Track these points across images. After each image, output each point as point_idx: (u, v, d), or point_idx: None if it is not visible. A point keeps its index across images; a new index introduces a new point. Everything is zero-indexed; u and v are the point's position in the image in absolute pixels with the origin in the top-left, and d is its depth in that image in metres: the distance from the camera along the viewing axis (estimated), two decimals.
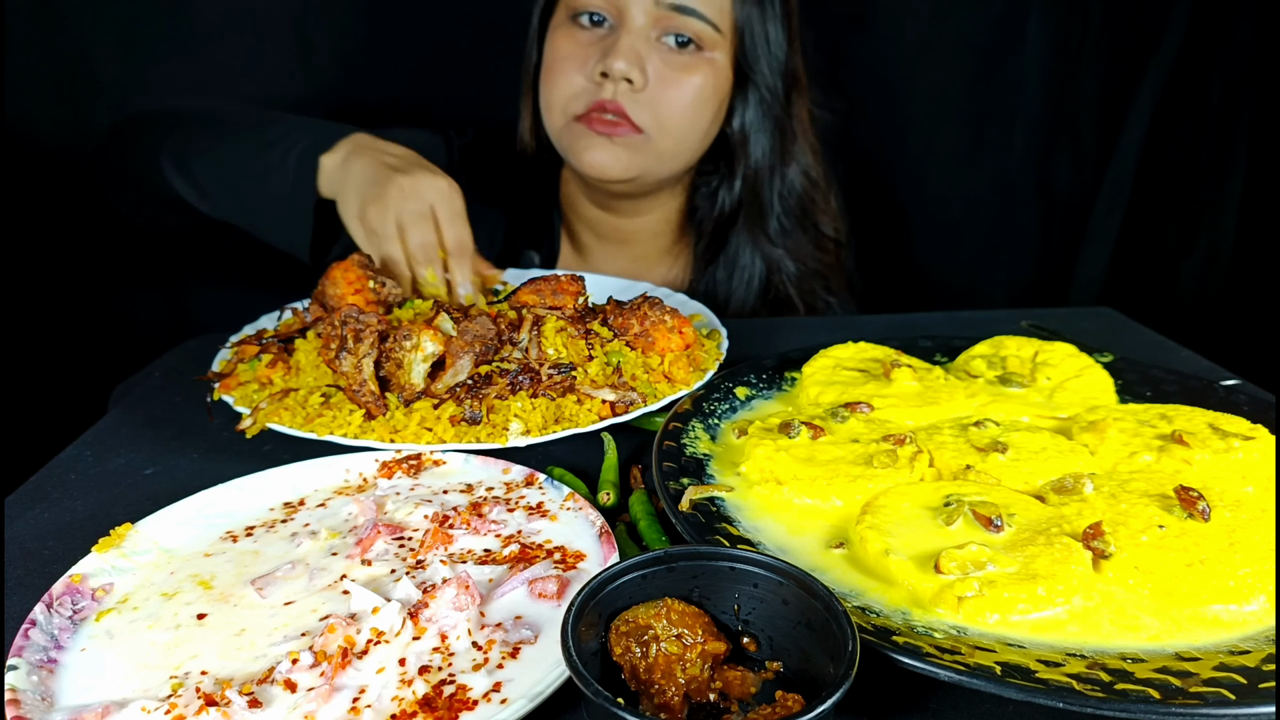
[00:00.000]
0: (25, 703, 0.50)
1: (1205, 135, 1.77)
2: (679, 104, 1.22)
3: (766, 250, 1.38)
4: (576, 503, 0.71)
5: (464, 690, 0.51)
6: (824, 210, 1.42)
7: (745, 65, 1.27)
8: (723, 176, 1.36)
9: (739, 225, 1.37)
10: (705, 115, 1.26)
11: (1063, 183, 1.91)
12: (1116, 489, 0.66)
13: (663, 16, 1.18)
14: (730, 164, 1.35)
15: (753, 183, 1.35)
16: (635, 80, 1.18)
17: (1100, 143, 1.86)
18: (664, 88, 1.21)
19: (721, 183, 1.37)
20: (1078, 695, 0.47)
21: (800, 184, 1.38)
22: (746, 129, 1.31)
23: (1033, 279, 2.00)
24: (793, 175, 1.37)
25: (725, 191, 1.36)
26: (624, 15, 1.19)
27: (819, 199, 1.41)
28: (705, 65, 1.23)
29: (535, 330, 0.88)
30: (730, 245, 1.38)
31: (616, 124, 1.21)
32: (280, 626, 0.58)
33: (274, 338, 0.93)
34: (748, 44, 1.25)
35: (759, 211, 1.36)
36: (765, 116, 1.31)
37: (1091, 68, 1.81)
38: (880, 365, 0.90)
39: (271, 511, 0.73)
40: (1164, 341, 1.13)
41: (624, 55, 1.17)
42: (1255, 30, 1.66)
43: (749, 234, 1.37)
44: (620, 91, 1.19)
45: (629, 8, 1.18)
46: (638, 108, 1.21)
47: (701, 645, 0.49)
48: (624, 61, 1.17)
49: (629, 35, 1.18)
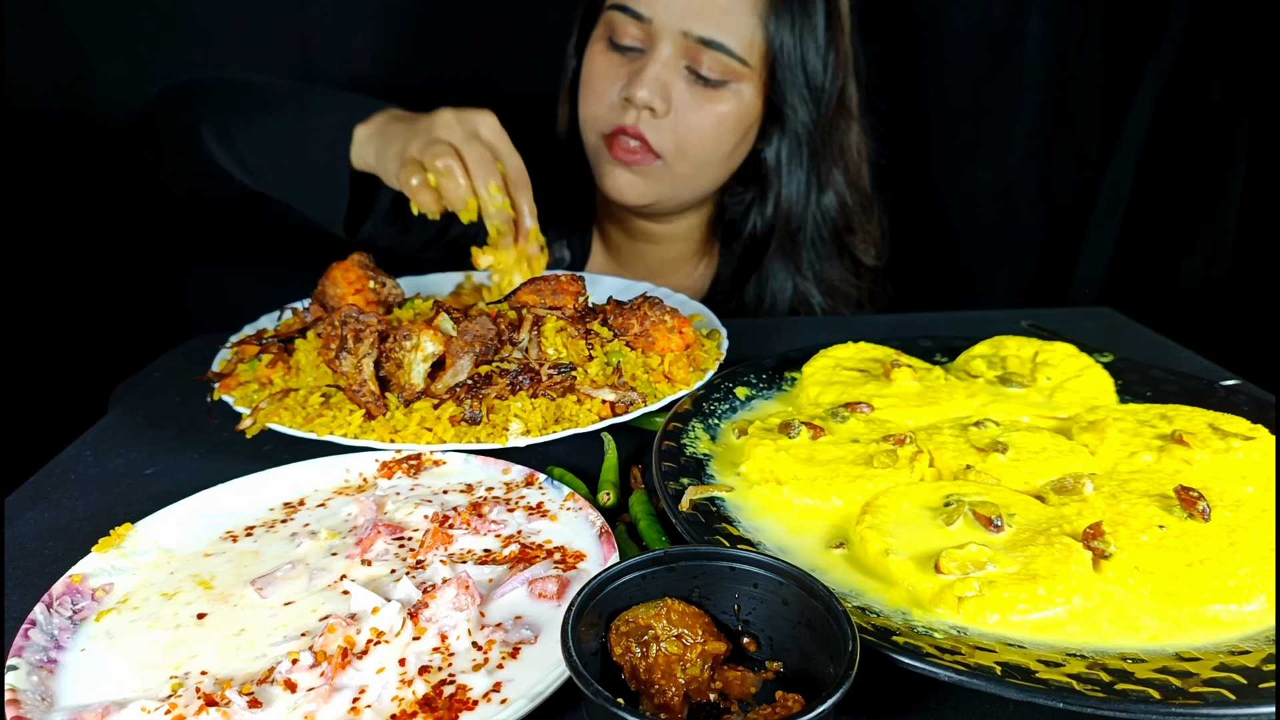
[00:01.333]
0: (25, 703, 0.50)
1: (1205, 135, 1.77)
2: (699, 132, 1.24)
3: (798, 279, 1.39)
4: (576, 503, 0.71)
5: (464, 690, 0.51)
6: (863, 237, 1.42)
7: (776, 98, 1.27)
8: (755, 196, 1.37)
9: (772, 249, 1.37)
10: (725, 144, 1.28)
11: (1063, 183, 1.91)
12: (1116, 489, 0.66)
13: (690, 48, 1.20)
14: (763, 189, 1.35)
15: (785, 212, 1.35)
16: (658, 109, 1.21)
17: (1100, 143, 1.85)
18: (686, 116, 1.23)
19: (754, 203, 1.37)
20: (1078, 695, 0.47)
21: (835, 210, 1.37)
22: (781, 157, 1.32)
23: (1033, 279, 2.00)
24: (828, 202, 1.37)
25: (757, 213, 1.37)
26: (653, 44, 1.21)
27: (857, 225, 1.40)
28: (730, 96, 1.24)
29: (535, 330, 0.88)
30: (764, 267, 1.39)
31: (635, 152, 1.25)
32: (280, 626, 0.57)
33: (274, 338, 0.93)
34: (779, 77, 1.25)
35: (791, 239, 1.37)
36: (796, 149, 1.32)
37: (1091, 68, 1.81)
38: (880, 365, 0.90)
39: (271, 511, 0.73)
40: (1164, 341, 1.13)
41: (647, 84, 1.20)
42: (1255, 30, 1.66)
43: (781, 260, 1.38)
44: (643, 118, 1.23)
45: (659, 38, 1.20)
46: (658, 134, 1.24)
47: (701, 645, 0.49)
48: (647, 90, 1.20)
49: (655, 64, 1.21)
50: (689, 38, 1.20)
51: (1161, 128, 1.80)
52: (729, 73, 1.22)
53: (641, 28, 1.22)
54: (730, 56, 1.21)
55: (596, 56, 1.28)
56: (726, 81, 1.23)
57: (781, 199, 1.34)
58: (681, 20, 1.19)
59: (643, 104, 1.21)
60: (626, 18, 1.22)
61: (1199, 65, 1.74)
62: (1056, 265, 1.97)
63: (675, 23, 1.19)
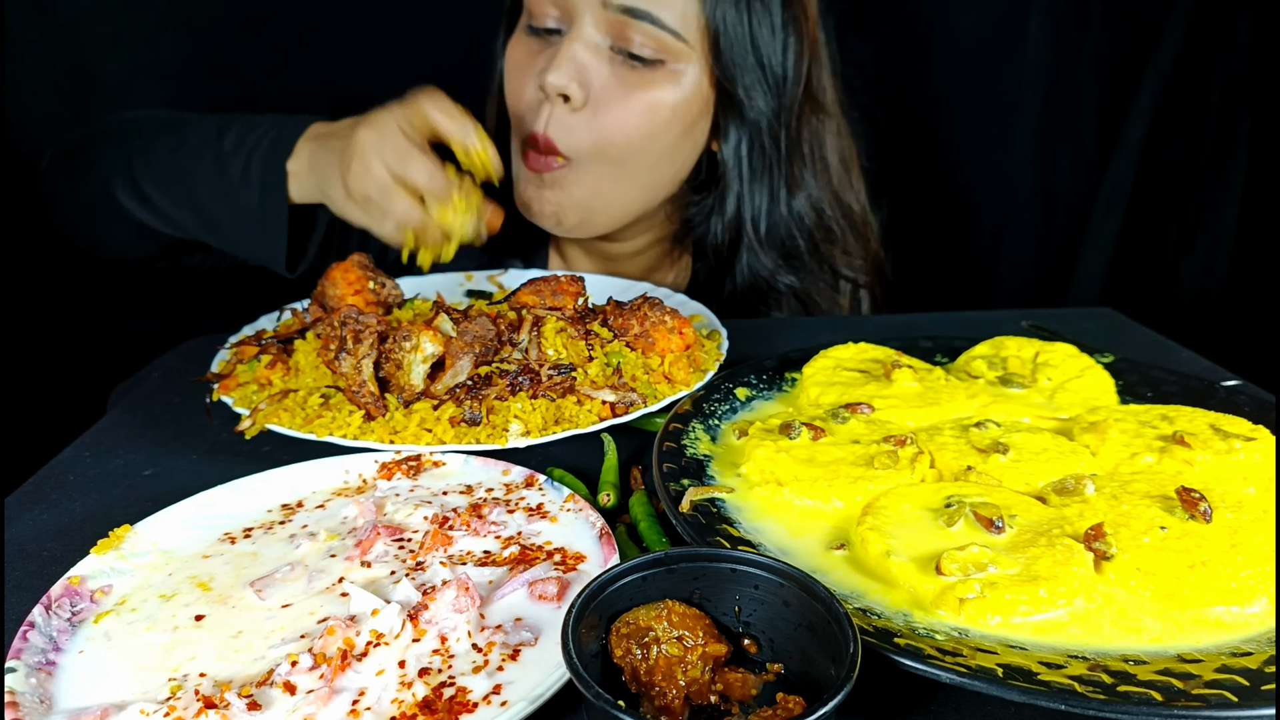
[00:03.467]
0: (24, 705, 0.50)
1: (1205, 135, 1.77)
2: (624, 124, 1.07)
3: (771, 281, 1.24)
4: (576, 504, 0.71)
5: (464, 692, 0.51)
6: (845, 249, 1.25)
7: (725, 80, 1.10)
8: (714, 202, 1.21)
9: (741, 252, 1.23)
10: (662, 138, 1.10)
11: (1063, 183, 1.91)
12: (1118, 490, 0.66)
13: (615, 21, 1.04)
14: (721, 192, 1.19)
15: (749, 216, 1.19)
16: (573, 96, 1.05)
17: (1100, 143, 1.86)
18: (607, 105, 1.06)
19: (713, 209, 1.21)
20: (1080, 697, 0.46)
21: (810, 218, 1.22)
22: (736, 156, 1.16)
23: (1033, 279, 2.00)
24: (800, 207, 1.20)
25: (717, 218, 1.21)
26: (572, 20, 1.06)
27: (838, 236, 1.24)
28: (665, 80, 1.07)
29: (535, 331, 0.88)
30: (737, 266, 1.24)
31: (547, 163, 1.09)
32: (279, 628, 0.57)
33: (273, 338, 0.93)
34: (725, 55, 1.08)
35: (758, 244, 1.22)
36: (754, 147, 1.15)
37: (1091, 68, 1.81)
38: (881, 366, 0.89)
39: (270, 513, 0.73)
40: (1164, 341, 1.13)
41: (560, 66, 1.04)
42: (1255, 30, 1.66)
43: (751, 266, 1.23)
44: (554, 119, 1.07)
45: (577, 12, 1.05)
46: (571, 135, 1.07)
47: (702, 647, 0.49)
48: (558, 74, 1.03)
49: (570, 43, 1.05)
50: (611, 8, 1.03)
51: (1161, 128, 1.81)
52: (663, 49, 1.05)
53: (559, 4, 1.06)
54: (662, 29, 1.04)
55: (515, 46, 1.13)
56: (662, 61, 1.06)
57: (743, 201, 1.18)
58: None
59: (555, 90, 1.04)
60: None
61: (1199, 65, 1.74)
62: (1056, 265, 1.97)
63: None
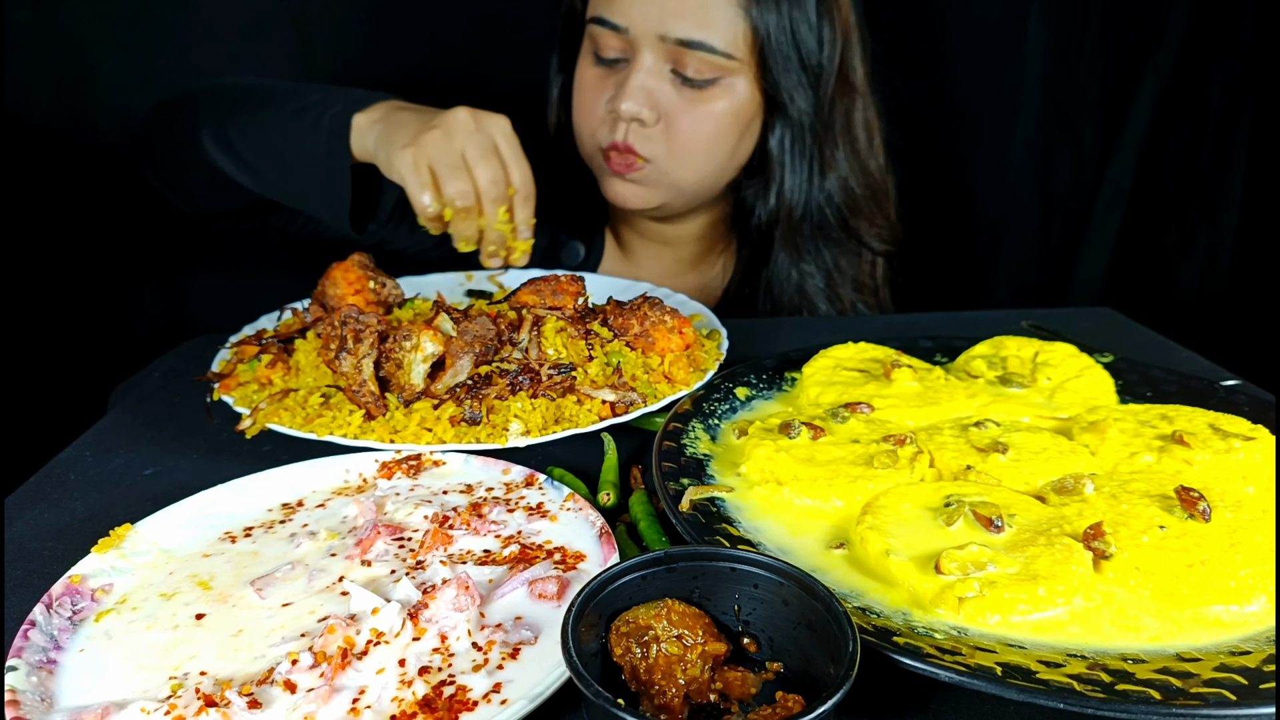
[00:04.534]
0: (25, 704, 0.50)
1: (1205, 135, 1.77)
2: (693, 135, 1.22)
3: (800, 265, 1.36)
4: (576, 503, 0.71)
5: (464, 691, 0.51)
6: (871, 219, 1.38)
7: (770, 89, 1.23)
8: (760, 188, 1.34)
9: (776, 240, 1.35)
10: (725, 143, 1.25)
11: (1063, 183, 1.91)
12: (1117, 489, 0.66)
13: (672, 52, 1.17)
14: (766, 180, 1.33)
15: (787, 201, 1.32)
16: (645, 119, 1.19)
17: (1100, 143, 1.86)
18: (678, 121, 1.21)
19: (759, 195, 1.35)
20: (1078, 696, 0.47)
21: (840, 195, 1.34)
22: (781, 148, 1.29)
23: (1033, 279, 2.00)
24: (830, 186, 1.33)
25: (761, 205, 1.34)
26: (634, 53, 1.19)
27: (865, 208, 1.37)
28: (722, 93, 1.21)
29: (535, 330, 0.88)
30: (772, 258, 1.37)
31: (630, 164, 1.23)
32: (279, 627, 0.57)
33: (274, 338, 0.93)
34: (771, 65, 1.21)
35: (793, 228, 1.34)
36: (796, 140, 1.28)
37: (1091, 68, 1.81)
38: (880, 365, 0.89)
39: (270, 512, 0.73)
40: (1164, 341, 1.13)
41: (631, 96, 1.18)
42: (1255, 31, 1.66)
43: (785, 250, 1.36)
44: (631, 130, 1.20)
45: (638, 47, 1.18)
46: (649, 144, 1.21)
47: (702, 646, 0.49)
48: (630, 103, 1.18)
49: (637, 74, 1.18)
50: (668, 41, 1.16)
51: (1161, 128, 1.80)
52: (717, 70, 1.18)
53: (620, 38, 1.19)
54: (714, 54, 1.17)
55: (584, 72, 1.26)
56: (716, 79, 1.19)
57: (784, 188, 1.31)
58: (658, 24, 1.15)
59: (629, 116, 1.19)
60: (604, 30, 1.20)
61: (1199, 65, 1.74)
62: (1056, 265, 1.97)
63: (652, 28, 1.16)
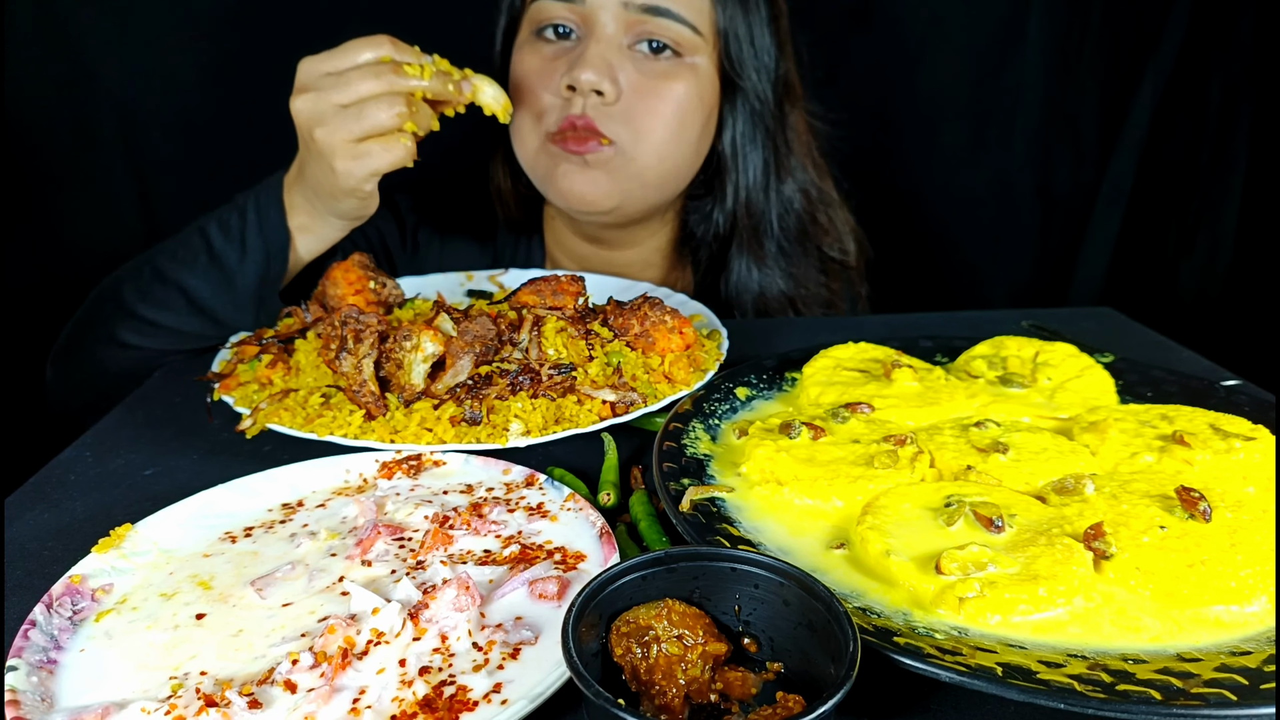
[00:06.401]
0: (25, 704, 0.50)
1: (1205, 135, 1.78)
2: (659, 115, 1.12)
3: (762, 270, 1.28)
4: (577, 503, 0.71)
5: (464, 691, 0.51)
6: (827, 230, 1.32)
7: (732, 71, 1.16)
8: (716, 197, 1.26)
9: (734, 247, 1.27)
10: (691, 127, 1.16)
11: (1063, 183, 1.91)
12: (1118, 489, 0.66)
13: (634, 21, 1.09)
14: (721, 182, 1.25)
15: (746, 201, 1.25)
16: (606, 92, 1.08)
17: (1100, 143, 1.86)
18: (640, 98, 1.11)
19: (715, 204, 1.26)
20: (1079, 696, 0.46)
21: (799, 202, 1.28)
22: (738, 143, 1.21)
23: (1033, 279, 2.00)
24: (790, 192, 1.27)
25: (719, 211, 1.26)
26: (591, 23, 1.10)
27: (821, 218, 1.31)
28: (687, 71, 1.12)
29: (535, 330, 0.88)
30: (730, 266, 1.28)
31: (587, 139, 1.11)
32: (280, 627, 0.57)
33: (274, 338, 0.93)
34: (733, 47, 1.14)
35: (754, 232, 1.27)
36: (756, 128, 1.21)
37: (1091, 68, 1.81)
38: (881, 365, 0.89)
39: (271, 512, 0.73)
40: (1164, 341, 1.13)
41: (591, 65, 1.07)
42: (1255, 30, 1.67)
43: (747, 256, 1.28)
44: (590, 106, 1.09)
45: (596, 14, 1.09)
46: (611, 122, 1.10)
47: (702, 646, 0.49)
48: (591, 71, 1.07)
49: (597, 43, 1.08)
50: (631, 8, 1.08)
51: (1161, 128, 1.81)
52: (683, 43, 1.11)
53: (574, 10, 1.10)
54: (680, 23, 1.09)
55: (527, 54, 1.15)
56: (680, 56, 1.11)
57: (740, 187, 1.23)
58: None
59: (588, 87, 1.07)
60: (554, 3, 1.10)
61: (1199, 65, 1.74)
62: (1056, 265, 1.97)
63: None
